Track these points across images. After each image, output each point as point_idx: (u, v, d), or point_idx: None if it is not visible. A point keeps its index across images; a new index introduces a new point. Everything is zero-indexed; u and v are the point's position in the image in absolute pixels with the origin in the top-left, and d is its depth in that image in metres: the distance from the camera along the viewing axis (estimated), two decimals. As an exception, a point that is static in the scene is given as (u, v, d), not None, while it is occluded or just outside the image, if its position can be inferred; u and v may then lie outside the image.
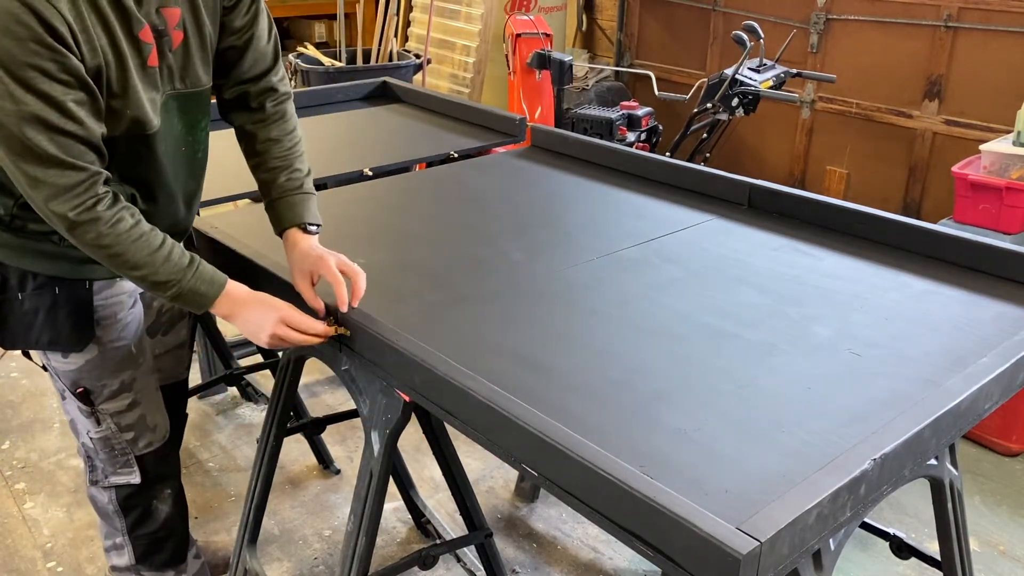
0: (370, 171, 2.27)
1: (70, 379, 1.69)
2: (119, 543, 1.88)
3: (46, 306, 1.59)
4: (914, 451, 1.13)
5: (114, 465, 1.79)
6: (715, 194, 2.05)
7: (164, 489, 1.87)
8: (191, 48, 1.52)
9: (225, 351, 2.82)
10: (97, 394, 1.70)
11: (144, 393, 1.76)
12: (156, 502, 1.86)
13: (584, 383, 1.30)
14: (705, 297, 1.57)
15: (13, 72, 1.26)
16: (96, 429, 1.74)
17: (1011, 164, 2.89)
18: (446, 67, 5.15)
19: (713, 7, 4.77)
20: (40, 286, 1.58)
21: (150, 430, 1.79)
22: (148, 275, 1.44)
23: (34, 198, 1.37)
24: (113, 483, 1.81)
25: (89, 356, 1.66)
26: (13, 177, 1.37)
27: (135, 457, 1.78)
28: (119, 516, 1.84)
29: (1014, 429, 2.79)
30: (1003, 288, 1.60)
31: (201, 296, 1.48)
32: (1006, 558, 2.40)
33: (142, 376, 1.75)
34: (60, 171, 1.34)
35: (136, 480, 1.80)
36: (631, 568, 2.35)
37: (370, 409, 1.54)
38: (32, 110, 1.28)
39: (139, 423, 1.77)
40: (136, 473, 1.80)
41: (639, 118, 3.77)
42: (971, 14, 3.78)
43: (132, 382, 1.73)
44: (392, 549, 2.42)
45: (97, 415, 1.72)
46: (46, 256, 1.57)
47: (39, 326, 1.60)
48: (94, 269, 1.59)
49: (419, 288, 1.61)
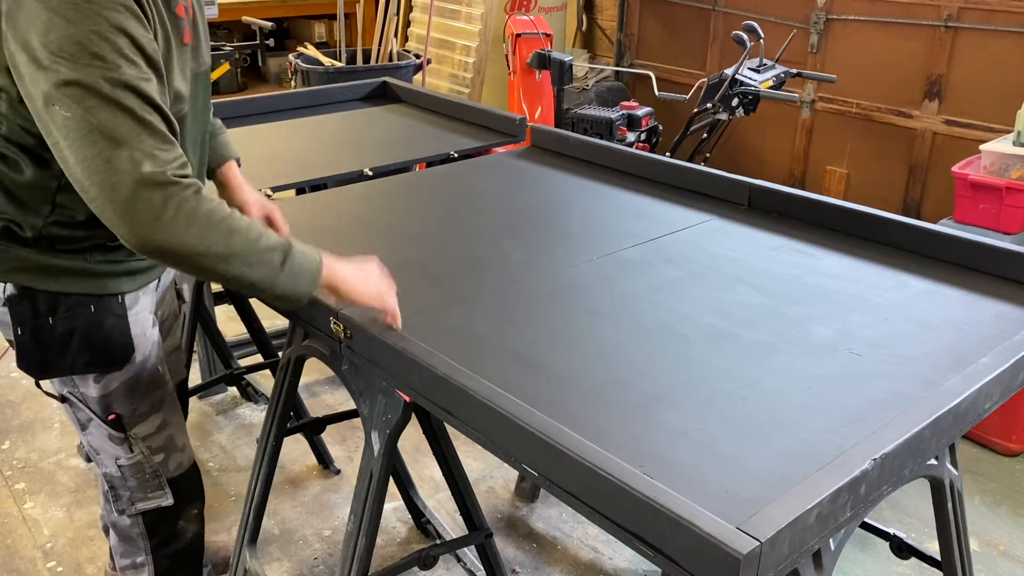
0: (370, 171, 2.27)
1: (102, 406, 1.60)
2: (139, 563, 1.79)
3: (82, 327, 1.52)
4: (914, 451, 1.13)
5: (145, 491, 1.70)
6: (715, 194, 2.05)
7: (192, 510, 1.79)
8: (199, 25, 1.52)
9: (225, 351, 2.82)
10: (129, 418, 1.63)
11: (171, 414, 1.71)
12: (183, 522, 1.78)
13: (584, 383, 1.30)
14: (705, 297, 1.57)
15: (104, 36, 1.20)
16: (128, 456, 1.65)
17: (1011, 164, 2.89)
18: (446, 67, 5.15)
19: (713, 7, 4.77)
20: (72, 307, 1.50)
21: (179, 450, 1.73)
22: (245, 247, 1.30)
23: (122, 179, 1.22)
24: (141, 509, 1.71)
25: (124, 378, 1.60)
26: (87, 165, 1.22)
27: (167, 480, 1.71)
28: (143, 538, 1.76)
29: (1014, 429, 2.79)
30: (1003, 288, 1.60)
31: (308, 261, 1.37)
32: (1006, 558, 2.39)
33: (168, 395, 1.70)
34: (157, 142, 1.24)
35: (168, 502, 1.72)
36: (631, 568, 2.35)
37: (370, 409, 1.54)
38: (125, 77, 1.22)
39: (168, 444, 1.70)
40: (168, 495, 1.71)
41: (639, 118, 3.77)
42: (971, 14, 3.78)
43: (161, 403, 1.67)
44: (392, 549, 2.42)
45: (129, 441, 1.64)
46: (76, 274, 1.50)
47: (75, 349, 1.52)
48: (125, 282, 1.54)
49: (419, 288, 1.61)
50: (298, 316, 1.58)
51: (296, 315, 1.58)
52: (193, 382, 2.45)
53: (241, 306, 2.63)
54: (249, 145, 2.48)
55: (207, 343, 2.96)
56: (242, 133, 2.60)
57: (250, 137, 2.57)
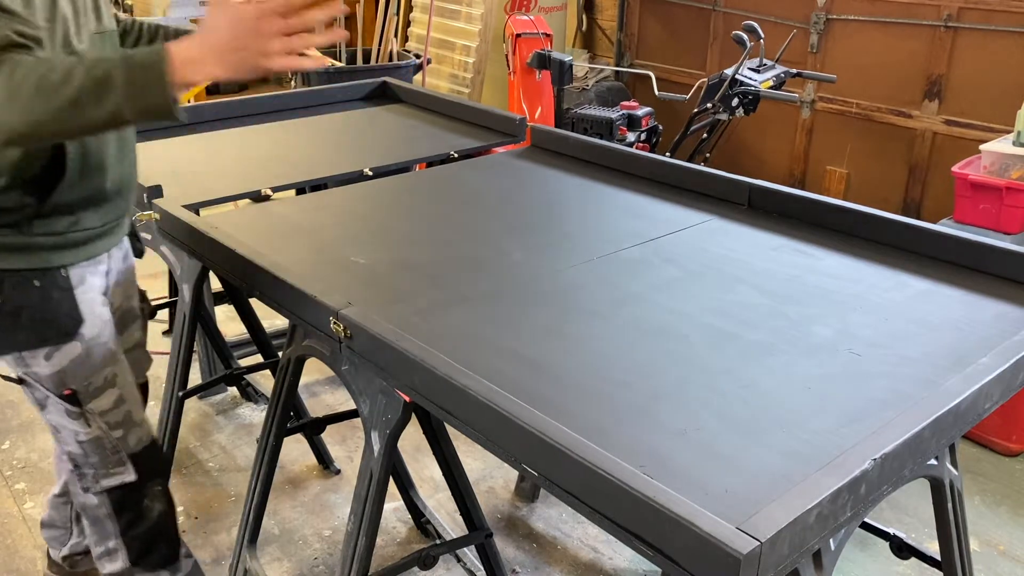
0: (370, 171, 2.27)
1: (55, 382, 1.66)
2: (112, 548, 1.86)
3: (30, 303, 1.56)
4: (914, 451, 1.13)
5: (107, 466, 1.77)
6: (715, 194, 2.05)
7: (156, 487, 1.86)
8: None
9: (225, 351, 2.82)
10: (84, 393, 1.68)
11: (127, 389, 1.76)
12: (148, 500, 1.84)
13: (584, 383, 1.30)
14: (705, 297, 1.57)
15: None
16: (86, 431, 1.72)
17: (1011, 164, 2.89)
18: (446, 67, 5.15)
19: (713, 7, 4.77)
20: (17, 284, 1.55)
21: (137, 426, 1.79)
22: (87, 77, 1.25)
23: None
24: (106, 486, 1.78)
25: (74, 355, 1.65)
26: None
27: (128, 455, 1.77)
28: (112, 519, 1.82)
29: (1014, 429, 2.79)
30: (1003, 288, 1.60)
31: (152, 62, 1.26)
32: (1006, 558, 2.40)
33: (123, 372, 1.75)
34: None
35: (131, 478, 1.78)
36: (631, 568, 2.35)
37: (370, 409, 1.54)
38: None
39: (127, 419, 1.76)
40: (130, 470, 1.78)
41: (639, 118, 3.77)
42: (971, 14, 3.78)
43: (115, 378, 1.73)
44: (392, 549, 2.42)
45: (86, 416, 1.70)
46: (17, 250, 1.54)
47: (24, 326, 1.57)
48: (68, 254, 1.59)
49: (419, 288, 1.61)
50: (298, 316, 1.58)
51: (296, 315, 1.58)
52: (193, 382, 2.45)
53: (241, 306, 2.62)
54: (249, 145, 2.48)
55: (207, 343, 2.96)
56: (242, 133, 2.60)
57: (250, 137, 2.57)
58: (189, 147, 2.46)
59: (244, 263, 1.65)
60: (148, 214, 1.92)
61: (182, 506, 2.55)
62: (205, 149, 2.46)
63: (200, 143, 2.50)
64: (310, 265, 1.71)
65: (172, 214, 1.83)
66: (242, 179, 2.20)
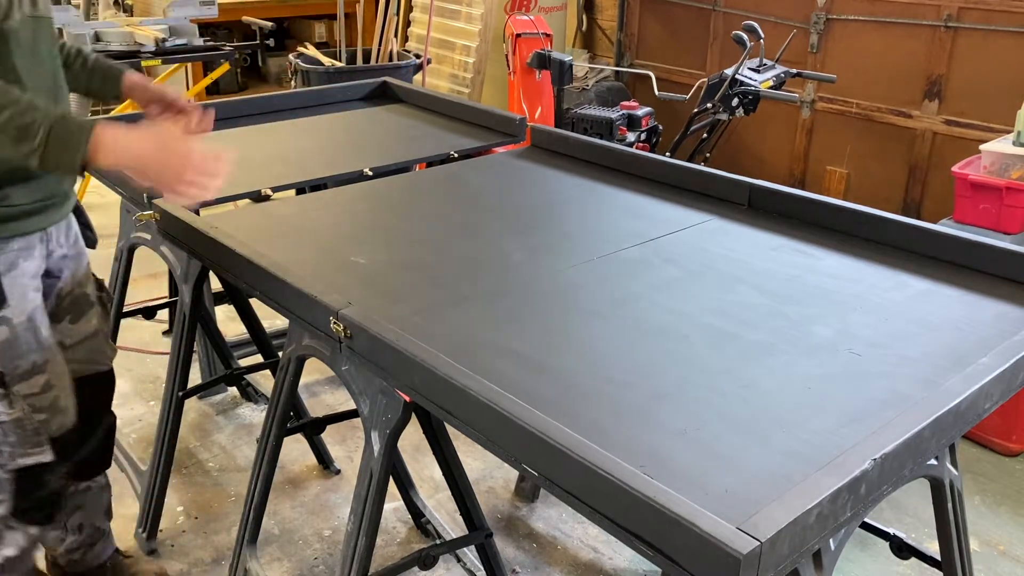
0: (370, 171, 2.27)
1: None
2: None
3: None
4: (914, 451, 1.13)
5: (25, 445, 1.78)
6: (715, 194, 2.05)
7: (63, 469, 1.86)
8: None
9: (225, 351, 2.82)
10: (9, 375, 1.71)
11: (58, 377, 1.78)
12: (50, 475, 1.84)
13: (584, 383, 1.30)
14: (705, 297, 1.57)
15: None
16: (8, 412, 1.73)
17: (1011, 164, 2.89)
18: (446, 67, 5.15)
19: (713, 7, 4.78)
20: None
21: (62, 412, 1.81)
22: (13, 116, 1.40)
23: None
24: (21, 464, 1.78)
25: (0, 337, 1.68)
26: None
27: (48, 438, 1.79)
28: (12, 481, 1.81)
29: (1014, 429, 2.79)
30: (1003, 288, 1.60)
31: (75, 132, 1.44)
32: (1006, 558, 2.40)
33: (54, 360, 1.78)
34: None
35: (47, 459, 1.80)
36: (631, 568, 2.35)
37: (370, 409, 1.54)
38: None
39: (52, 406, 1.78)
40: (48, 452, 1.79)
41: (639, 118, 3.77)
42: (971, 14, 3.78)
43: (44, 364, 1.75)
44: (392, 549, 2.42)
45: (10, 397, 1.73)
46: None
47: None
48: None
49: (419, 288, 1.61)
50: (298, 316, 1.58)
51: (296, 315, 1.58)
52: (193, 382, 2.45)
53: (241, 306, 2.63)
54: (249, 145, 2.48)
55: (207, 343, 2.96)
56: (242, 133, 2.60)
57: (250, 137, 2.57)
58: (189, 147, 2.46)
59: (244, 263, 1.65)
60: (148, 214, 1.92)
61: (182, 506, 2.55)
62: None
63: (200, 143, 2.49)
64: (310, 265, 1.71)
65: (172, 214, 1.83)
66: (242, 179, 2.20)
